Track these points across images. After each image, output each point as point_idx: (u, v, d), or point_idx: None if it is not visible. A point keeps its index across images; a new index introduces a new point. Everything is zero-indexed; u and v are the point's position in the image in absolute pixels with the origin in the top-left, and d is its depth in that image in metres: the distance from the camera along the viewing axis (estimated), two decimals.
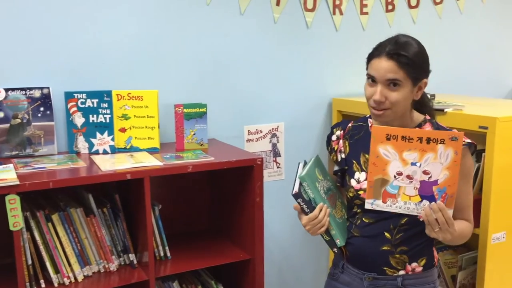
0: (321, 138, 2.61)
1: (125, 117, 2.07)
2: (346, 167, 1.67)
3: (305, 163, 1.70)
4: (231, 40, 2.36)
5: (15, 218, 1.60)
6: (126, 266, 1.93)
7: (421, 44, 1.56)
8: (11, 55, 1.96)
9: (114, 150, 2.06)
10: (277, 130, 2.52)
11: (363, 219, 1.61)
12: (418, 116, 1.61)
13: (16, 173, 1.68)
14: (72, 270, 1.81)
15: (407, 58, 1.47)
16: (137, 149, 2.07)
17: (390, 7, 2.74)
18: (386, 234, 1.57)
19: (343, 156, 1.69)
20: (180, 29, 2.24)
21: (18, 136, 1.95)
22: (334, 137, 1.75)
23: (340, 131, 1.74)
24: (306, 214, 1.58)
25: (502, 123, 1.90)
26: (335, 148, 1.73)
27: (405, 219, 1.55)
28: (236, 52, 2.38)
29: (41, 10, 1.98)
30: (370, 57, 1.56)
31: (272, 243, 2.55)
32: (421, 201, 1.42)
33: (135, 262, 1.93)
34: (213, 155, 1.98)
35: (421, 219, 1.48)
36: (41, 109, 1.98)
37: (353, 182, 1.63)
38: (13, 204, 1.59)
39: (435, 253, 1.66)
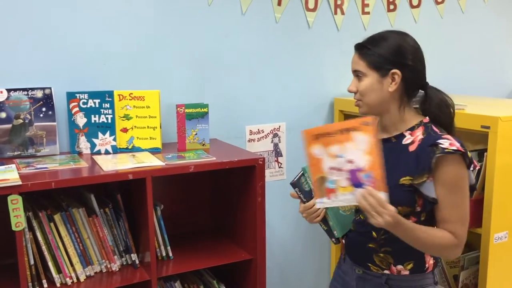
0: None
1: (127, 117, 2.07)
2: None
3: None
4: (233, 40, 2.36)
5: (18, 218, 1.60)
6: (128, 266, 1.94)
7: (402, 37, 1.54)
8: (13, 56, 1.96)
9: (116, 150, 2.06)
10: (278, 130, 2.52)
11: (360, 215, 1.63)
12: (414, 118, 1.55)
13: (19, 173, 1.68)
14: (74, 270, 1.81)
15: (367, 49, 1.51)
16: (139, 149, 2.08)
17: (391, 6, 2.74)
18: (373, 232, 1.58)
19: None
20: (182, 30, 2.24)
21: (20, 137, 1.96)
22: None
23: None
24: (304, 203, 1.64)
25: (504, 122, 1.90)
26: None
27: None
28: (237, 52, 2.38)
29: (42, 10, 1.98)
30: None
31: (274, 243, 2.55)
32: (354, 190, 1.42)
33: (137, 262, 1.93)
34: (215, 155, 1.98)
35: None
36: (43, 109, 1.98)
37: None
38: (15, 204, 1.59)
39: (428, 258, 1.58)
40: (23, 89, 1.95)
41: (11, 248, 1.71)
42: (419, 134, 1.51)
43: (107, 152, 2.05)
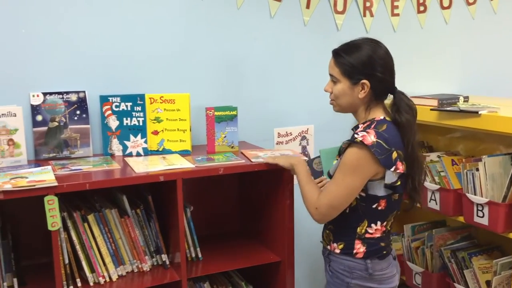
0: None
1: (157, 120, 2.11)
2: None
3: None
4: (261, 43, 2.37)
5: (54, 219, 1.64)
6: (158, 266, 1.97)
7: (375, 48, 1.67)
8: (49, 61, 2.02)
9: (147, 152, 2.10)
10: (306, 133, 2.53)
11: None
12: (376, 116, 1.69)
13: (54, 174, 1.73)
14: (107, 269, 1.85)
15: (342, 57, 1.68)
16: (169, 152, 2.11)
17: (422, 8, 2.71)
18: None
19: None
20: (211, 33, 2.27)
21: (55, 139, 2.02)
22: None
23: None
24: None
25: None
26: None
27: None
28: (266, 55, 2.39)
29: (77, 17, 2.03)
30: None
31: (303, 245, 2.55)
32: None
33: (167, 262, 1.96)
34: (243, 158, 2.00)
35: None
36: (78, 112, 2.04)
37: None
38: (52, 205, 1.63)
39: (358, 246, 1.70)
40: (59, 93, 2.01)
41: (46, 248, 1.76)
42: (361, 127, 1.69)
43: (138, 154, 2.09)
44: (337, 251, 1.73)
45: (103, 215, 1.86)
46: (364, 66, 1.65)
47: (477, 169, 2.06)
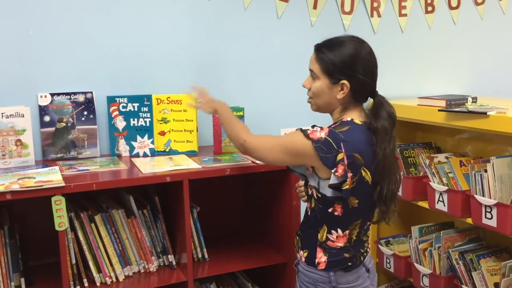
0: None
1: (164, 120, 2.11)
2: None
3: None
4: (268, 44, 2.37)
5: (61, 219, 1.65)
6: (165, 267, 1.97)
7: (358, 47, 1.58)
8: (57, 62, 2.03)
9: (154, 153, 2.10)
10: None
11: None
12: (346, 117, 1.60)
13: (61, 175, 1.74)
14: (113, 270, 1.86)
15: (323, 53, 1.58)
16: (176, 152, 2.11)
17: (429, 8, 2.70)
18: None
19: None
20: (218, 34, 2.27)
21: (63, 139, 2.02)
22: None
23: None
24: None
25: None
26: None
27: (309, 203, 1.65)
28: (273, 56, 2.39)
29: (84, 19, 2.04)
30: None
31: None
32: None
33: (174, 263, 1.96)
34: (250, 159, 2.00)
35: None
36: (85, 113, 2.04)
37: None
38: (59, 205, 1.64)
39: (320, 255, 1.60)
40: (66, 94, 2.02)
41: (54, 248, 1.77)
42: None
43: (145, 155, 2.09)
44: (303, 259, 1.64)
45: (110, 215, 1.86)
46: (346, 65, 1.55)
47: (486, 170, 2.05)
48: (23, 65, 1.98)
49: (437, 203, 2.29)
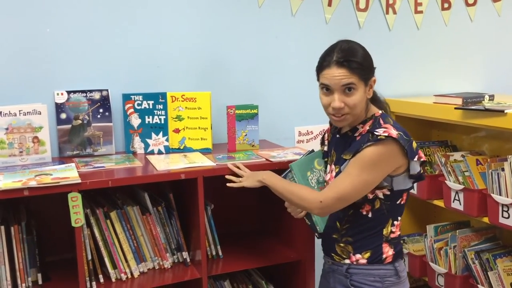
0: None
1: (179, 118, 2.12)
2: (326, 159, 1.82)
3: (310, 152, 1.85)
4: (283, 42, 2.37)
5: (77, 215, 1.67)
6: (179, 263, 1.98)
7: (362, 46, 1.63)
8: (74, 60, 2.05)
9: (169, 150, 2.11)
10: None
11: None
12: (369, 113, 1.65)
13: (78, 171, 1.76)
14: (128, 266, 1.87)
15: (356, 62, 1.56)
16: (190, 150, 2.12)
17: (446, 5, 2.67)
18: (337, 223, 1.69)
19: (325, 148, 1.84)
20: (232, 32, 2.27)
21: (79, 137, 2.04)
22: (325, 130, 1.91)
23: (329, 125, 1.85)
24: None
25: None
26: (324, 139, 1.87)
27: (351, 211, 1.64)
28: (287, 54, 2.39)
29: (101, 18, 2.06)
30: (320, 68, 1.62)
31: None
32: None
33: (188, 260, 1.97)
34: (264, 156, 2.00)
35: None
36: (101, 110, 2.06)
37: (327, 175, 1.76)
38: (75, 202, 1.66)
39: (386, 249, 1.63)
40: (82, 91, 2.04)
41: (70, 244, 1.79)
42: (367, 126, 1.62)
43: (160, 152, 2.10)
44: (363, 261, 1.64)
45: (125, 212, 1.88)
46: (371, 64, 1.61)
47: (503, 169, 2.02)
48: (40, 63, 2.00)
49: (453, 202, 2.27)
